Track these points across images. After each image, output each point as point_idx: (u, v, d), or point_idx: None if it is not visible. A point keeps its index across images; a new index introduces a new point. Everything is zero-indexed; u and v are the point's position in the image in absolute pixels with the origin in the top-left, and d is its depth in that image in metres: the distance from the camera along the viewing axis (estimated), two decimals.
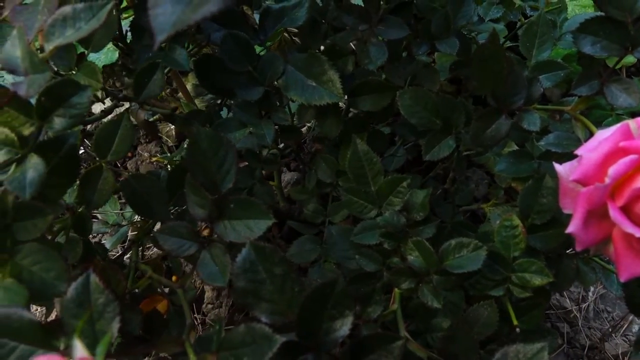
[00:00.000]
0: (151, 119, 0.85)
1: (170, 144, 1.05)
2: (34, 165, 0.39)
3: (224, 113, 0.68)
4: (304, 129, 0.96)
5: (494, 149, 0.66)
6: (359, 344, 0.39)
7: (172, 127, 1.02)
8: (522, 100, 0.50)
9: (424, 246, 0.49)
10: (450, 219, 0.69)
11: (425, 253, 0.49)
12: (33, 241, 0.41)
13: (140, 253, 0.64)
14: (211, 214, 0.47)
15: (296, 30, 0.73)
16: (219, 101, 0.66)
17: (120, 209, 0.80)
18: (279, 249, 0.37)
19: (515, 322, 0.51)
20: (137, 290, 0.56)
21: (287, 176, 0.98)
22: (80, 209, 0.53)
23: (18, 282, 0.39)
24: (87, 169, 0.49)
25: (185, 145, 0.89)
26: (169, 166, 0.83)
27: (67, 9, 0.34)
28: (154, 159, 0.89)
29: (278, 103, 0.60)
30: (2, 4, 0.47)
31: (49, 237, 0.52)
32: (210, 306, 0.91)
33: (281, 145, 0.80)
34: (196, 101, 0.93)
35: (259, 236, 0.44)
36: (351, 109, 0.67)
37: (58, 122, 0.40)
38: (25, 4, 0.41)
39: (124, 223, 0.76)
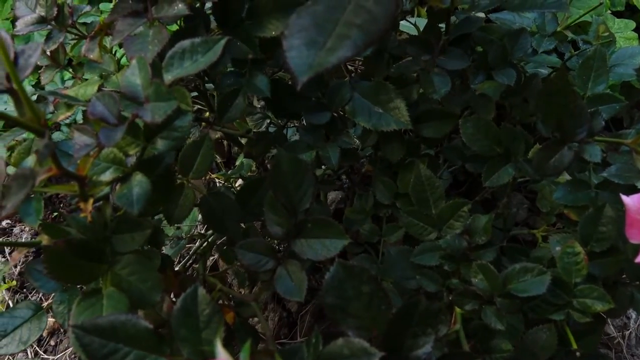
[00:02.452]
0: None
1: (219, 160, 1.09)
2: (139, 183, 0.42)
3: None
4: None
5: (550, 177, 0.68)
6: None
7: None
8: (585, 133, 0.52)
9: (488, 269, 0.51)
10: (501, 243, 0.70)
11: (490, 276, 0.51)
12: (131, 253, 0.44)
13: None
14: (289, 232, 0.50)
15: (361, 59, 0.76)
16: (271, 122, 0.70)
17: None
18: (368, 269, 0.39)
19: (574, 346, 0.52)
20: None
21: (332, 195, 1.01)
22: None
23: (119, 290, 0.42)
24: (164, 186, 0.52)
25: (237, 164, 0.92)
26: (225, 183, 0.86)
27: (186, 42, 0.38)
28: (214, 175, 0.93)
29: (343, 127, 0.63)
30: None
31: None
32: (255, 319, 0.94)
33: None
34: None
35: None
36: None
37: (161, 144, 0.44)
38: (133, 35, 0.44)
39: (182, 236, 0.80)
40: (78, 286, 0.51)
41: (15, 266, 1.00)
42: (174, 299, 0.56)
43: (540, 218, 1.07)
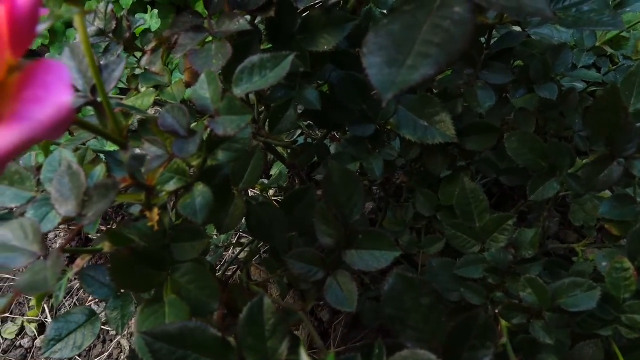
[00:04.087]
0: None
1: None
2: (202, 193, 0.43)
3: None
4: None
5: (593, 192, 0.68)
6: None
7: None
8: (635, 149, 0.53)
9: (538, 284, 0.51)
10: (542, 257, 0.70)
11: (539, 290, 0.51)
12: (189, 261, 0.45)
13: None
14: (339, 243, 0.51)
15: None
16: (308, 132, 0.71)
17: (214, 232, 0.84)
18: (429, 282, 0.40)
19: None
20: None
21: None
22: None
23: (180, 298, 0.43)
24: (221, 195, 0.53)
25: (273, 173, 0.93)
26: (261, 192, 0.87)
27: (255, 58, 0.39)
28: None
29: (386, 139, 0.64)
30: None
31: None
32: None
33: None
34: None
35: None
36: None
37: (221, 155, 0.45)
38: (196, 49, 0.46)
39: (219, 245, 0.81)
40: (133, 293, 0.52)
41: None
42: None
43: (572, 232, 1.07)
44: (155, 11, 1.13)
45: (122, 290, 0.54)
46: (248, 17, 0.49)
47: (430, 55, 0.30)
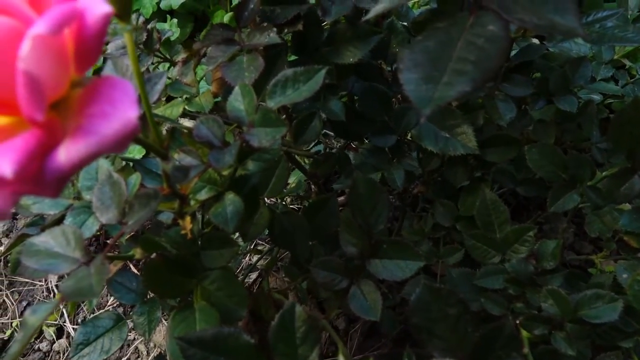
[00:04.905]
0: None
1: None
2: (233, 202, 0.44)
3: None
4: None
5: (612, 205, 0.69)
6: None
7: None
8: None
9: (559, 295, 0.52)
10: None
11: (561, 302, 0.52)
12: (218, 269, 0.46)
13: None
14: (363, 252, 0.52)
15: None
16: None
17: None
18: (456, 292, 0.40)
19: None
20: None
21: None
22: None
23: (209, 305, 0.44)
24: (249, 204, 0.54)
25: (291, 182, 0.94)
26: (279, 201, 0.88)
27: (288, 72, 0.40)
28: None
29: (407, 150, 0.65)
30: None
31: None
32: None
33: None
34: None
35: None
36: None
37: (252, 165, 0.46)
38: (229, 61, 0.47)
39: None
40: (159, 299, 0.53)
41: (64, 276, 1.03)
42: None
43: (587, 243, 1.07)
44: (175, 20, 1.15)
45: (149, 296, 0.55)
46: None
47: (466, 72, 0.31)
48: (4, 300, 1.05)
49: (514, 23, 0.32)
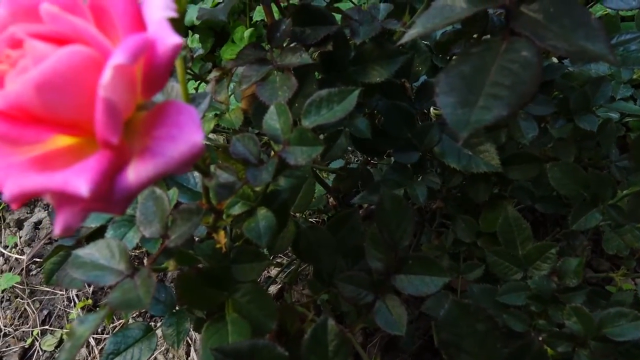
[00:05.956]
0: None
1: None
2: (265, 217, 0.45)
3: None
4: None
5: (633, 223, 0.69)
6: None
7: None
8: None
9: (583, 312, 0.52)
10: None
11: (585, 319, 0.52)
12: (249, 282, 0.48)
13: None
14: (388, 267, 0.53)
15: None
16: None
17: None
18: (485, 308, 0.41)
19: None
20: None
21: None
22: None
23: (241, 317, 0.45)
24: (279, 219, 0.55)
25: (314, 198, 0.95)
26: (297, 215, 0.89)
27: (323, 92, 0.41)
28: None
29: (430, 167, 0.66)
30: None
31: None
32: None
33: None
34: None
35: None
36: None
37: (283, 181, 0.47)
38: (262, 80, 0.48)
39: None
40: (187, 311, 0.55)
41: (89, 284, 1.05)
42: None
43: (604, 260, 1.07)
44: (197, 36, 1.17)
45: (177, 308, 0.56)
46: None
47: (502, 97, 0.32)
48: (25, 309, 1.07)
49: (546, 49, 0.33)
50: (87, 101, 0.22)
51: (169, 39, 0.22)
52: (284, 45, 0.52)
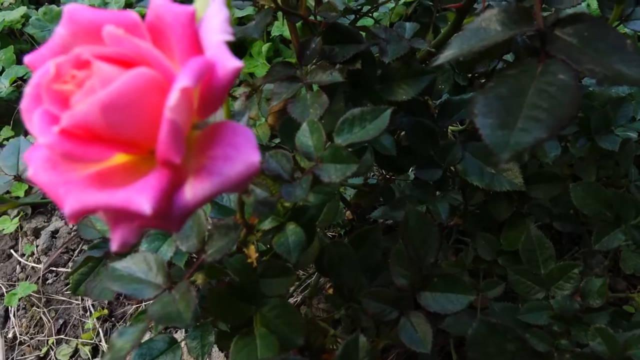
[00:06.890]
0: None
1: None
2: (294, 232, 0.46)
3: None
4: None
5: None
6: None
7: None
8: None
9: (608, 333, 0.52)
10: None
11: (609, 340, 0.52)
12: (276, 296, 0.48)
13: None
14: (413, 284, 0.53)
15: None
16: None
17: None
18: (514, 328, 0.41)
19: None
20: None
21: None
22: None
23: (269, 332, 0.46)
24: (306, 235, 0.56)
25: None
26: None
27: (356, 111, 0.42)
28: None
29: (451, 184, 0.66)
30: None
31: None
32: None
33: None
34: None
35: None
36: None
37: (312, 197, 0.47)
38: (293, 97, 0.49)
39: None
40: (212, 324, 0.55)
41: None
42: None
43: (621, 279, 1.06)
44: None
45: (202, 320, 0.56)
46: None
47: (541, 120, 0.32)
48: (40, 317, 1.08)
49: (582, 73, 0.33)
50: (150, 121, 0.22)
51: (229, 63, 0.23)
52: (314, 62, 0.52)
